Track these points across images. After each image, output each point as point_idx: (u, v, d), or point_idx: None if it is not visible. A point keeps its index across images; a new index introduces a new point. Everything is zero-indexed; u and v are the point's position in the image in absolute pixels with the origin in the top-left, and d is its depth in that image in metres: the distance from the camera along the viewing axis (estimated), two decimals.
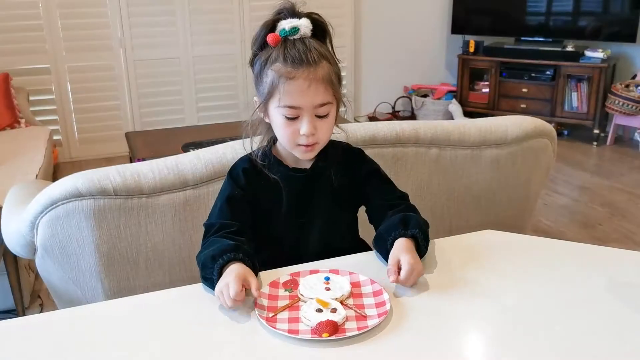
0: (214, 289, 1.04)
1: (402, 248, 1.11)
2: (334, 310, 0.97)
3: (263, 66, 1.14)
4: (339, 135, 1.30)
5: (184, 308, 1.04)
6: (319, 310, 0.97)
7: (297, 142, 1.15)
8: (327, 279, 1.07)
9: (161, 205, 1.46)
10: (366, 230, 1.34)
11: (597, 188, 3.47)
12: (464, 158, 1.75)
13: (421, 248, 1.15)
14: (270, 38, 1.12)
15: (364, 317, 0.97)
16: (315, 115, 1.13)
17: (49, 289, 1.58)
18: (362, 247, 1.28)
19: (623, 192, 3.39)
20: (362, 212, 1.33)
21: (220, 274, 1.05)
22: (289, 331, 0.93)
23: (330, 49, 1.17)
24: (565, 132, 4.51)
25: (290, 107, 1.11)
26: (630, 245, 2.73)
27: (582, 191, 3.44)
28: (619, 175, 3.67)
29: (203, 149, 1.55)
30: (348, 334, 0.92)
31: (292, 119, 1.13)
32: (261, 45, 1.14)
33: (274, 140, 1.24)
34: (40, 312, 2.22)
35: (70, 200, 1.41)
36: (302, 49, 1.10)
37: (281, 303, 1.02)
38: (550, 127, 1.89)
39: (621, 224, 2.96)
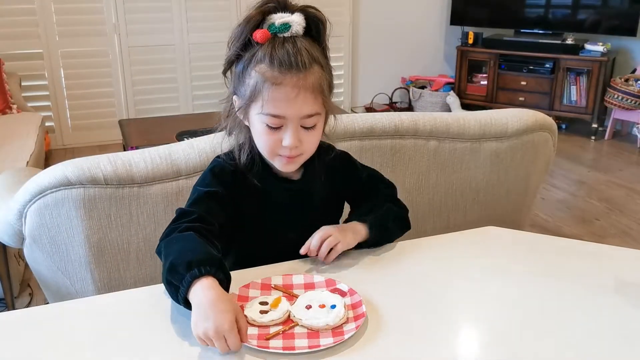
0: (175, 298, 0.91)
1: (332, 226, 1.10)
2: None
3: (246, 65, 1.01)
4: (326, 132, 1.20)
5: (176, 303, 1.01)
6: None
7: (277, 152, 1.05)
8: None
9: (153, 195, 1.43)
10: None
11: (594, 183, 3.45)
12: (463, 151, 1.72)
13: (370, 234, 1.13)
14: (258, 34, 0.99)
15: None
16: (301, 126, 1.02)
17: (37, 279, 1.55)
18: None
19: (621, 187, 3.38)
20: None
21: (189, 286, 0.88)
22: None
23: (324, 49, 1.05)
24: (564, 126, 4.48)
25: (274, 115, 1.00)
26: (627, 240, 2.71)
27: (580, 186, 3.42)
28: (616, 170, 3.65)
29: (197, 138, 1.52)
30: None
31: (275, 128, 1.02)
32: (244, 43, 1.02)
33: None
34: (30, 301, 2.19)
35: (60, 188, 1.37)
36: (291, 51, 0.97)
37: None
38: (551, 121, 1.86)
39: (619, 219, 2.94)
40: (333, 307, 0.91)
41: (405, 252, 1.17)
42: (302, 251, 1.05)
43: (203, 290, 0.86)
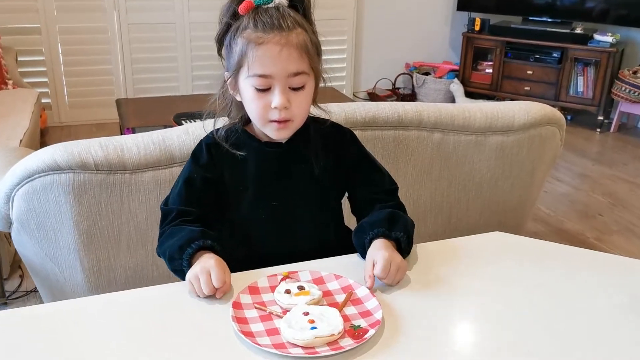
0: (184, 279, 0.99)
1: (379, 247, 1.02)
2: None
3: (233, 35, 1.03)
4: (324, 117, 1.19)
5: (178, 305, 0.96)
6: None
7: (268, 117, 1.04)
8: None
9: (145, 182, 1.38)
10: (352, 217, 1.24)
11: (598, 177, 3.39)
12: (467, 144, 1.67)
13: (403, 252, 1.06)
14: (241, 6, 1.02)
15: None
16: (289, 88, 1.02)
17: (25, 264, 1.51)
18: (348, 237, 1.15)
19: (625, 182, 3.32)
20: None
21: (189, 264, 0.99)
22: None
23: (309, 21, 1.06)
24: (569, 117, 4.41)
25: (260, 75, 1.00)
26: (630, 237, 2.67)
27: (584, 179, 3.37)
28: (621, 164, 3.59)
29: (192, 124, 1.47)
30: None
31: (263, 90, 1.02)
32: (230, 18, 1.04)
33: (247, 118, 1.12)
34: (20, 283, 2.15)
35: (48, 173, 1.33)
36: (275, 15, 1.00)
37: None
38: (559, 115, 1.81)
39: (622, 215, 2.89)
40: (313, 328, 0.84)
41: (411, 255, 1.10)
42: (369, 285, 0.97)
43: (198, 258, 1.00)
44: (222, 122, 1.16)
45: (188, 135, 1.42)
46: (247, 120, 1.13)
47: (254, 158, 1.11)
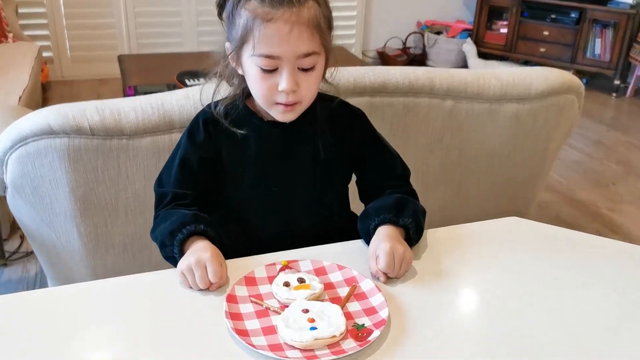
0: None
1: (383, 236, 0.95)
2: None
3: (236, 4, 0.94)
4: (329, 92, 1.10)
5: (172, 294, 0.91)
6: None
7: (274, 99, 0.96)
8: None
9: (144, 148, 1.33)
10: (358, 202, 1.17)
11: (613, 144, 3.30)
12: (480, 112, 1.60)
13: (412, 241, 0.99)
14: None
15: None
16: (298, 68, 0.94)
17: (22, 229, 1.47)
18: (354, 223, 1.08)
19: None
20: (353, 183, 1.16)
21: (181, 250, 0.93)
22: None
23: None
24: (584, 81, 4.29)
25: (267, 56, 0.92)
26: None
27: (597, 146, 3.28)
28: (636, 131, 3.49)
29: (192, 88, 1.40)
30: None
31: (269, 71, 0.93)
32: None
33: (249, 91, 1.04)
34: (21, 244, 2.13)
35: (42, 137, 1.27)
36: None
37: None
38: (578, 82, 1.72)
39: (636, 184, 2.82)
40: (312, 329, 0.78)
41: (420, 244, 1.03)
42: (382, 281, 0.91)
43: (191, 245, 0.94)
44: (221, 93, 1.08)
45: (188, 99, 1.35)
46: (249, 93, 1.05)
47: (255, 137, 1.03)
